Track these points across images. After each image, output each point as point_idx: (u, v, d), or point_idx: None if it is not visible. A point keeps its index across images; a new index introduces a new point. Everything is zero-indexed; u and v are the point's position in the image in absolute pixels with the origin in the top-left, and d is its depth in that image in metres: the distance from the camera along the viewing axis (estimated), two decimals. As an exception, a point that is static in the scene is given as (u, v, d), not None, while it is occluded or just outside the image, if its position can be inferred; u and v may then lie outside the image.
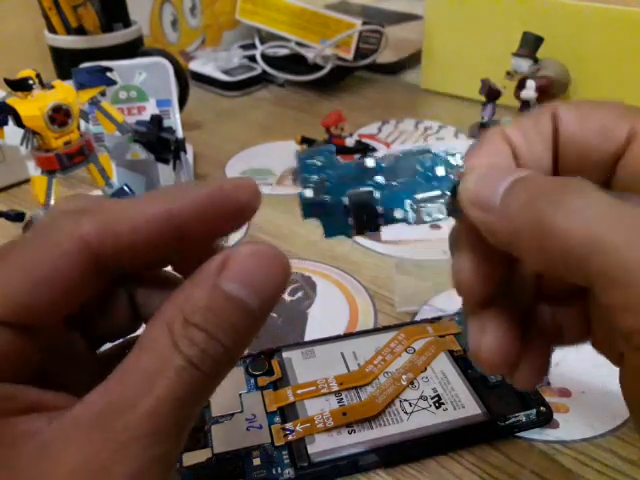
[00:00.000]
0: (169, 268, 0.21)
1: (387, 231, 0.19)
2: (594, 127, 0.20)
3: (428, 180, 0.19)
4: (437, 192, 0.19)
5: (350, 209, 0.19)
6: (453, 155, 0.20)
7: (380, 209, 0.19)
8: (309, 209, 0.19)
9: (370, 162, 0.19)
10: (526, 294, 0.22)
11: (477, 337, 0.20)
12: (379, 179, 0.19)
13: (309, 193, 0.19)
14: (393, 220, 0.19)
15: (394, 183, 0.19)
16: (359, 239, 0.46)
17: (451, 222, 0.20)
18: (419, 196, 0.19)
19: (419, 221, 0.19)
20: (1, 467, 0.15)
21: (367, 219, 0.19)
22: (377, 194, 0.19)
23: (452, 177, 0.19)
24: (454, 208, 0.19)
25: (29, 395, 0.16)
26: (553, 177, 0.18)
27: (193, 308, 0.16)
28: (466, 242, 0.20)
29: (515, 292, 0.21)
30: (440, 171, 0.19)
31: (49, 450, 0.15)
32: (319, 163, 0.19)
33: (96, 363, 0.21)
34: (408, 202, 0.19)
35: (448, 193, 0.19)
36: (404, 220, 0.19)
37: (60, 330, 0.19)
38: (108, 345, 0.22)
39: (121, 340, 0.22)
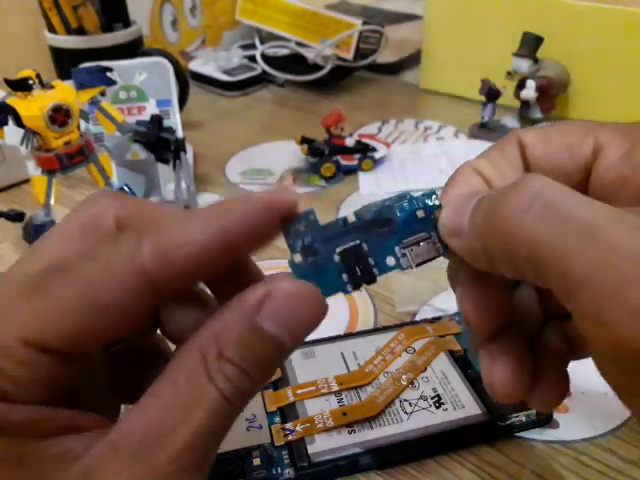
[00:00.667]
0: None
1: None
2: (559, 147, 0.21)
3: (411, 225, 0.20)
4: (423, 234, 0.20)
5: (342, 265, 0.19)
6: (430, 196, 0.20)
7: (371, 260, 0.20)
8: (301, 272, 0.19)
9: (351, 217, 0.20)
10: (533, 317, 0.22)
11: (489, 370, 0.20)
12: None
13: (297, 258, 0.19)
14: (387, 268, 0.20)
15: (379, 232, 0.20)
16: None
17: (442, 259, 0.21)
18: (406, 240, 0.20)
19: (412, 264, 0.20)
20: None
21: (361, 272, 0.20)
22: (365, 246, 0.20)
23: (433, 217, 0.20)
24: (442, 245, 0.20)
25: (62, 417, 0.17)
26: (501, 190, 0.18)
27: (228, 341, 0.16)
28: (464, 277, 0.20)
29: (522, 318, 0.22)
30: (421, 214, 0.20)
31: (91, 476, 0.15)
32: (302, 228, 0.19)
33: (105, 363, 0.21)
34: (397, 248, 0.20)
35: (433, 233, 0.20)
36: (398, 266, 0.20)
37: (97, 353, 0.19)
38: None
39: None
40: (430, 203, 0.20)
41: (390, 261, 0.20)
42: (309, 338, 0.17)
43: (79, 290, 0.16)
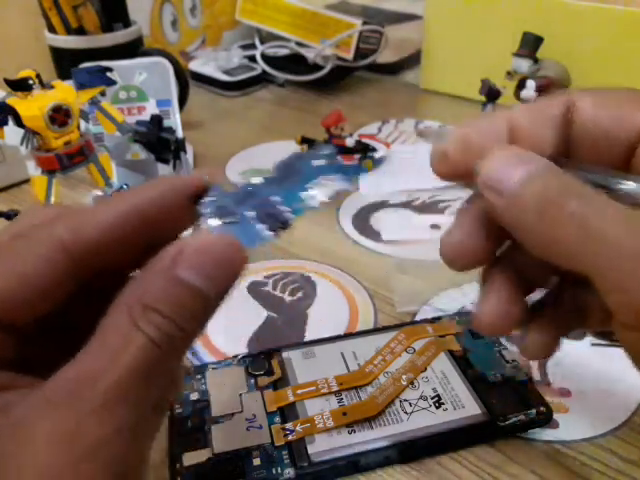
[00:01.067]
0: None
1: (388, 232, 0.20)
2: (610, 115, 0.21)
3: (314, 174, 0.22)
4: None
5: (257, 217, 0.21)
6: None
7: (284, 208, 0.21)
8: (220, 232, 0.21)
9: (256, 180, 0.22)
10: (533, 265, 0.23)
11: (479, 300, 0.22)
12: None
13: (214, 222, 0.20)
14: (299, 211, 0.21)
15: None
16: (359, 239, 0.46)
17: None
18: (309, 185, 0.22)
19: (321, 200, 0.22)
20: None
21: (275, 219, 0.21)
22: (277, 198, 0.21)
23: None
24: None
25: (2, 378, 0.18)
26: (562, 176, 0.19)
27: (151, 294, 0.17)
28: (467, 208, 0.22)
29: (520, 262, 0.22)
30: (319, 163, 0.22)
31: (24, 423, 0.16)
32: (213, 198, 0.21)
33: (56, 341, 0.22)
34: (303, 194, 0.22)
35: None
36: (308, 206, 0.22)
37: (37, 324, 0.20)
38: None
39: None
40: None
41: (300, 204, 0.21)
42: (309, 338, 0.17)
43: (4, 267, 0.18)
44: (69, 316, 0.20)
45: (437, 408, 0.30)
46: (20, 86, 0.39)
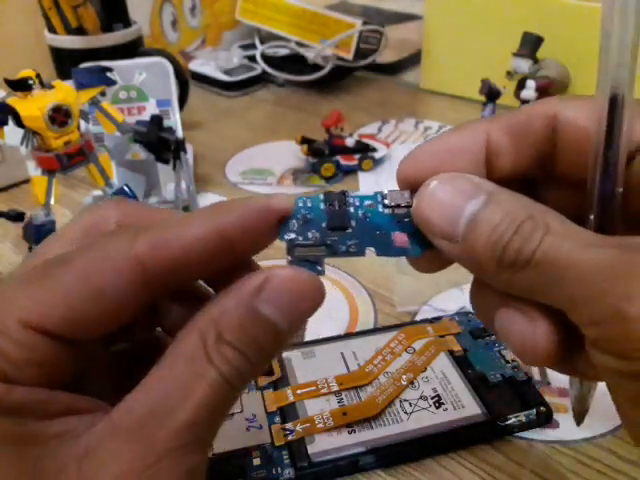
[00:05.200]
0: None
1: None
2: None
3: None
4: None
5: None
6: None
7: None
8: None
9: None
10: None
11: (525, 327, 0.19)
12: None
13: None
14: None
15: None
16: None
17: None
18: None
19: None
20: (35, 466, 0.16)
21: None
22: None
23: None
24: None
25: (62, 399, 0.17)
26: (511, 206, 0.18)
27: (228, 324, 0.17)
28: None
29: None
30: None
31: (92, 454, 0.16)
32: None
33: (107, 360, 0.21)
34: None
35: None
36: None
37: (97, 341, 0.19)
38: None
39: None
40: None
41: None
42: (309, 338, 0.17)
43: (76, 276, 0.17)
44: (130, 334, 0.20)
45: (437, 408, 0.30)
46: (20, 86, 0.39)
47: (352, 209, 0.20)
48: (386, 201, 0.20)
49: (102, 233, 0.19)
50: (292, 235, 0.19)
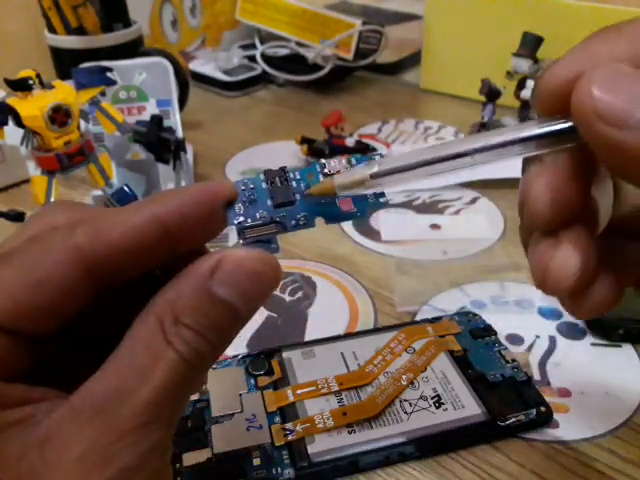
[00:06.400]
0: None
1: (387, 232, 0.19)
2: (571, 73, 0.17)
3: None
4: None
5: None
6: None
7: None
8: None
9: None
10: (601, 222, 0.20)
11: (548, 253, 0.18)
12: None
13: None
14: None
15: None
16: (359, 239, 0.46)
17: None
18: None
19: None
20: None
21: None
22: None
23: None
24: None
25: (18, 390, 0.17)
26: None
27: (184, 308, 0.17)
28: (549, 159, 0.18)
29: (590, 217, 0.19)
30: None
31: (53, 438, 0.16)
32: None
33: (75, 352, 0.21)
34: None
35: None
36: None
37: (52, 334, 0.19)
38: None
39: None
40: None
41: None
42: (309, 338, 0.17)
43: (16, 269, 0.17)
44: (85, 324, 0.20)
45: (437, 408, 0.30)
46: (20, 86, 0.39)
47: (294, 183, 0.20)
48: (326, 170, 0.21)
49: (44, 230, 0.19)
50: (240, 219, 0.20)
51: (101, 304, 0.19)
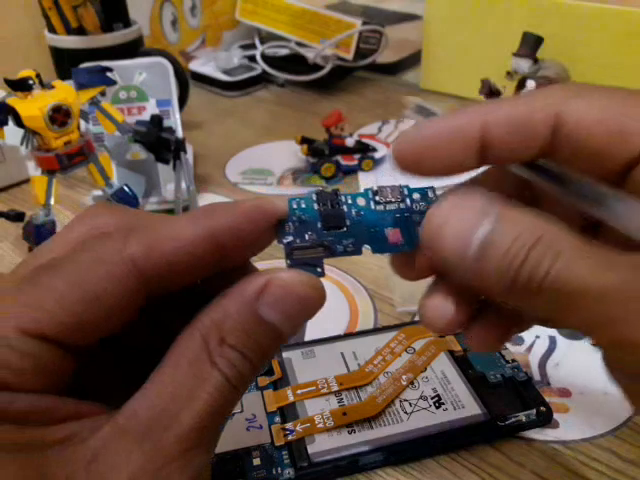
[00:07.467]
0: None
1: None
2: (609, 130, 0.18)
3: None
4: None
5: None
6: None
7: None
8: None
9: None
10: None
11: (426, 297, 0.21)
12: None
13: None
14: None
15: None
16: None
17: None
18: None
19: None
20: (41, 472, 0.15)
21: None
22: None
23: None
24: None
25: (65, 405, 0.17)
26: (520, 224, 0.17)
27: (230, 329, 0.17)
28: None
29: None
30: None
31: (100, 459, 0.16)
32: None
33: (112, 362, 0.21)
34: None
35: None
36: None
37: (98, 346, 0.19)
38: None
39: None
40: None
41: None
42: (309, 338, 0.17)
43: (69, 280, 0.17)
44: (128, 337, 0.20)
45: (437, 408, 0.30)
46: (20, 86, 0.39)
47: (345, 208, 0.20)
48: (377, 198, 0.20)
49: (93, 236, 0.19)
50: (290, 238, 0.19)
51: (142, 314, 0.19)
